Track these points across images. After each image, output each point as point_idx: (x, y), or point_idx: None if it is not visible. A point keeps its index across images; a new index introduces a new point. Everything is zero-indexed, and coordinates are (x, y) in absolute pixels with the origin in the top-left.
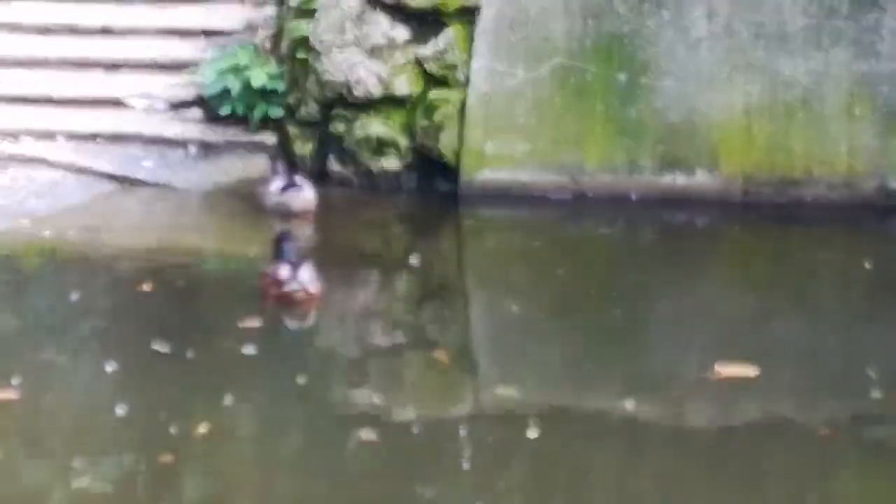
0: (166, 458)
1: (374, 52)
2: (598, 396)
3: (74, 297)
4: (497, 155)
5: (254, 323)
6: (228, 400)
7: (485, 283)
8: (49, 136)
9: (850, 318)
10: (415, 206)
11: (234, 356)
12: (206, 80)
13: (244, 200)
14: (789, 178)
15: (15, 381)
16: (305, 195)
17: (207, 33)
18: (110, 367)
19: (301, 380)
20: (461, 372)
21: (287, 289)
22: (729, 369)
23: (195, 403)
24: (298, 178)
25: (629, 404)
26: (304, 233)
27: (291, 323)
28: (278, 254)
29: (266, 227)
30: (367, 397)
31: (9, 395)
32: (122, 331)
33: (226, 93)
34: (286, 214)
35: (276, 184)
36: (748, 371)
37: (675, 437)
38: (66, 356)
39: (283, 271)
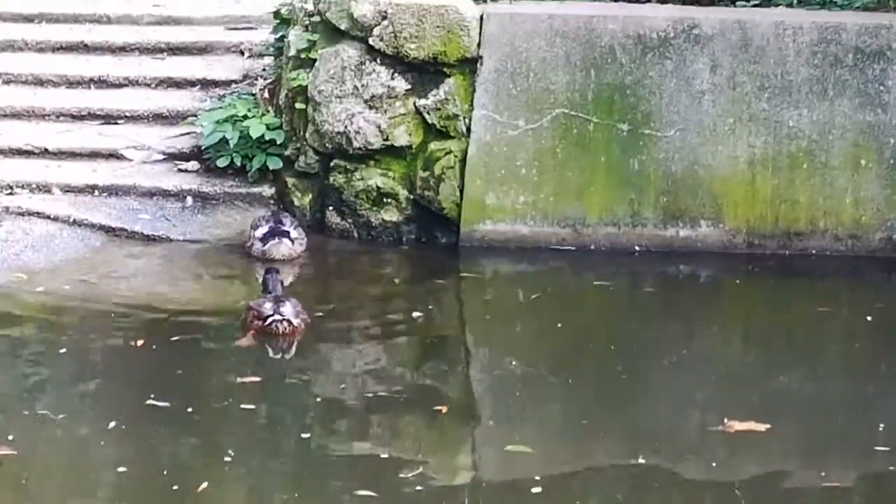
0: None
1: (373, 102)
2: (603, 452)
3: (71, 352)
4: (498, 206)
5: (253, 378)
6: (228, 457)
7: (486, 337)
8: (45, 188)
9: (856, 372)
10: (415, 258)
11: (234, 412)
12: (204, 131)
13: (241, 252)
14: (794, 230)
15: (11, 437)
16: (285, 245)
17: (205, 84)
18: (108, 424)
19: (302, 436)
20: (461, 427)
21: (270, 321)
22: (738, 424)
23: (195, 461)
24: (287, 223)
25: (636, 460)
26: (288, 280)
27: (291, 378)
28: (265, 289)
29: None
30: (368, 454)
31: (5, 451)
32: (120, 386)
33: (223, 143)
34: (269, 262)
35: (260, 230)
36: (757, 426)
37: (684, 492)
38: (63, 413)
39: (267, 304)
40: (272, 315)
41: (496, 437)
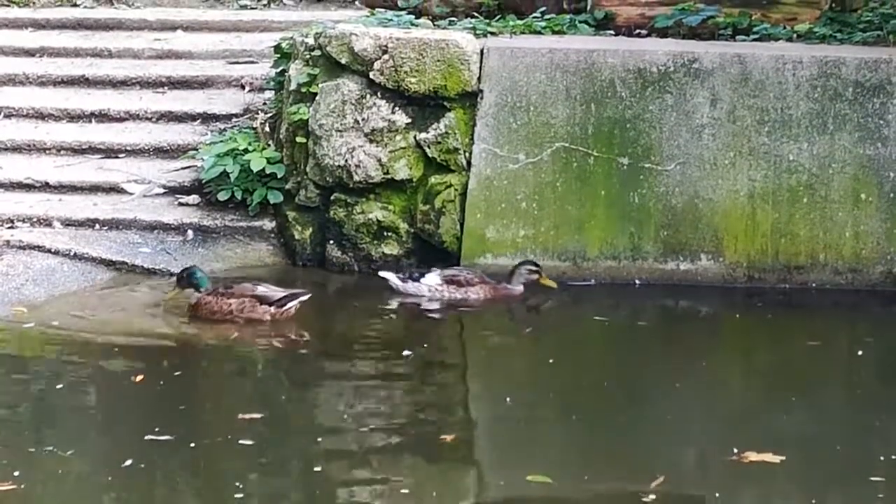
0: None
1: (374, 135)
2: (612, 486)
3: (73, 387)
4: (498, 240)
5: (255, 414)
6: (239, 493)
7: (486, 371)
8: (46, 222)
9: (856, 404)
10: None
11: (240, 449)
12: (205, 165)
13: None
14: (794, 263)
15: (16, 473)
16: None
17: (205, 117)
18: (111, 460)
19: (314, 470)
20: (468, 461)
21: (289, 305)
22: (754, 455)
23: (205, 497)
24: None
25: (648, 495)
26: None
27: (293, 412)
28: (193, 283)
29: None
30: (378, 491)
31: (10, 486)
32: (123, 423)
33: (224, 177)
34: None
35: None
36: (773, 457)
37: None
38: (66, 449)
39: (260, 288)
40: (285, 298)
41: (504, 471)
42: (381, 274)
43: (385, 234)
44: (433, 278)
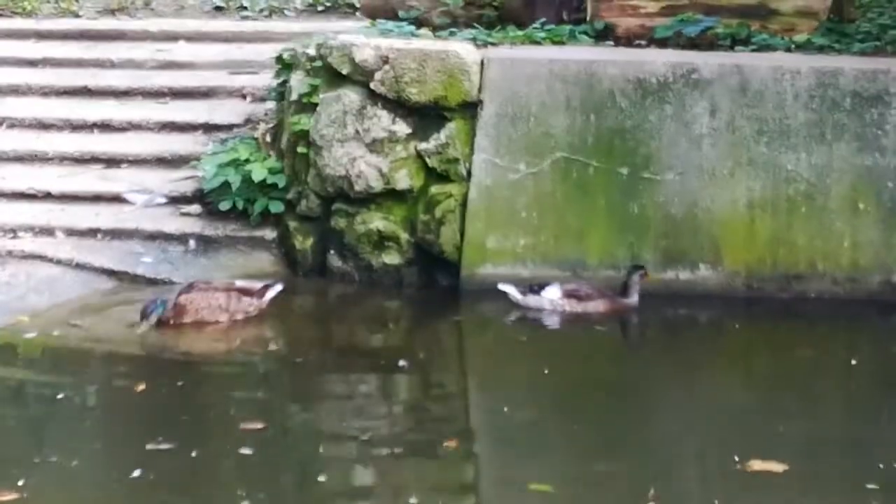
0: None
1: (374, 146)
2: (613, 494)
3: (75, 396)
4: (498, 249)
5: (257, 424)
6: (243, 502)
7: (486, 380)
8: (48, 231)
9: (855, 414)
10: (415, 301)
11: (238, 458)
12: (207, 175)
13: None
14: (793, 272)
15: (20, 482)
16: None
17: (207, 128)
18: (114, 469)
19: (318, 480)
20: (471, 470)
21: (271, 292)
22: (758, 463)
23: None
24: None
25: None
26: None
27: (296, 423)
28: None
29: (264, 329)
30: (382, 499)
31: (14, 495)
32: (127, 433)
33: (226, 187)
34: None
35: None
36: (777, 465)
37: None
38: (70, 458)
39: (240, 284)
40: (262, 289)
41: (507, 479)
42: (501, 287)
43: (386, 243)
44: (554, 291)
